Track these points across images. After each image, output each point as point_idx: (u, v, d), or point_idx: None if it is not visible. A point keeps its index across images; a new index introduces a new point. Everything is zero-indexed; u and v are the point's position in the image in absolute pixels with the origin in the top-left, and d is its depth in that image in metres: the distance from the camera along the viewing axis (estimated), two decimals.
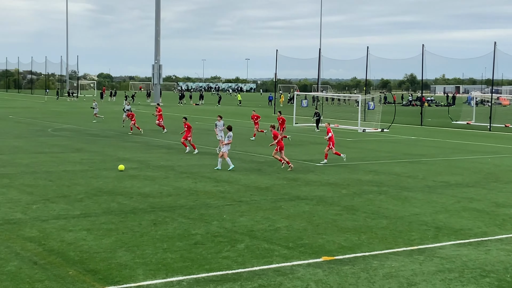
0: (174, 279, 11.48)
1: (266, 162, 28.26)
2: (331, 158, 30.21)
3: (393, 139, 43.32)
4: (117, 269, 11.99)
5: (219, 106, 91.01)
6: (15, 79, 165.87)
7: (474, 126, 57.89)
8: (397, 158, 31.44)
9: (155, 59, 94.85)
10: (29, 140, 36.53)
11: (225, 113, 70.98)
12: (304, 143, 38.67)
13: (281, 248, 13.81)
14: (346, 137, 43.53)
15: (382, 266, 12.58)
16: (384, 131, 49.76)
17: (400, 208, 18.55)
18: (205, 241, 14.27)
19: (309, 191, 21.19)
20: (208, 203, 18.71)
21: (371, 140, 41.83)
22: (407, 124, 58.06)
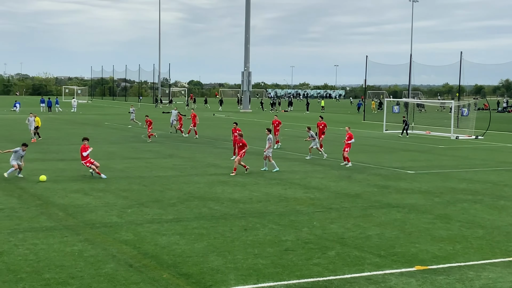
0: (265, 285, 11.51)
1: (356, 169, 27.98)
2: (421, 165, 29.69)
3: (488, 146, 41.99)
4: (209, 273, 12.14)
5: (308, 113, 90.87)
6: (109, 86, 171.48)
7: None
8: (493, 166, 30.45)
9: (244, 66, 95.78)
10: (123, 146, 37.62)
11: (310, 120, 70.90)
12: (395, 150, 38.06)
13: (373, 256, 13.61)
14: (438, 144, 42.54)
15: (478, 277, 12.19)
16: (478, 138, 48.32)
17: (497, 218, 17.94)
18: (296, 248, 14.25)
19: (401, 198, 20.82)
20: (298, 210, 18.69)
21: (465, 148, 40.69)
22: (503, 131, 56.17)
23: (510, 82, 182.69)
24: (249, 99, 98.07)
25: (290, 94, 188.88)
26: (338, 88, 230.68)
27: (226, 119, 59.58)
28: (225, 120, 60.26)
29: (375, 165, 29.55)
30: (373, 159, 32.43)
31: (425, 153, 36.66)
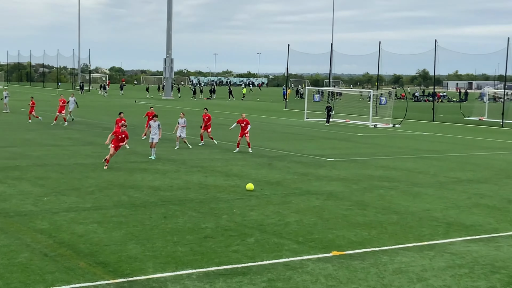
0: (183, 272, 11.50)
1: (277, 157, 28.25)
2: (340, 153, 30.31)
3: (405, 134, 43.18)
4: (127, 262, 12.03)
5: (230, 100, 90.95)
6: (27, 72, 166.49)
7: (487, 122, 57.57)
8: (409, 153, 31.33)
9: (166, 53, 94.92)
10: (41, 133, 36.69)
11: (236, 108, 71.07)
12: (315, 138, 38.61)
13: (291, 243, 13.81)
14: (357, 132, 43.43)
15: (392, 262, 12.55)
16: (395, 126, 49.60)
17: (411, 204, 18.50)
18: (215, 235, 14.29)
19: (320, 186, 21.16)
20: (218, 197, 18.73)
21: (383, 136, 41.71)
22: (419, 119, 57.84)
23: (427, 72, 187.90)
24: (171, 86, 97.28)
25: (213, 81, 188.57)
26: (261, 76, 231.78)
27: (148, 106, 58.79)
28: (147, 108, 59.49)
29: (296, 153, 29.91)
30: (294, 146, 32.82)
31: (345, 141, 37.38)
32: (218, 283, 10.97)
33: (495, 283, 11.40)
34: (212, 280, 11.14)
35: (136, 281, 11.00)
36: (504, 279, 11.63)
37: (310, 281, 11.22)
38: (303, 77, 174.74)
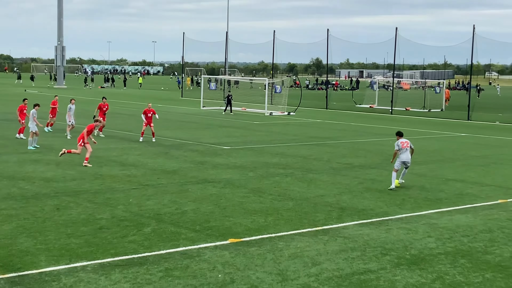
0: (78, 265, 11.25)
1: (173, 146, 28.09)
2: (237, 141, 30.53)
3: (300, 122, 43.97)
4: (18, 256, 11.64)
5: (125, 89, 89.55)
6: None
7: (377, 110, 59.54)
8: (303, 141, 31.94)
9: (58, 40, 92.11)
10: None
11: (130, 96, 70.04)
12: (212, 126, 38.65)
13: (188, 231, 13.79)
14: (253, 121, 43.83)
15: (287, 247, 12.79)
16: (290, 114, 50.42)
17: (306, 190, 18.88)
18: (111, 226, 14.07)
19: (217, 174, 21.23)
20: (114, 187, 18.42)
21: (278, 123, 42.30)
22: (313, 107, 59.02)
23: (320, 60, 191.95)
24: (63, 74, 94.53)
25: (107, 70, 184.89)
26: (156, 64, 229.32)
27: (40, 95, 57.14)
28: (39, 96, 57.58)
29: (193, 142, 29.85)
30: (191, 135, 32.74)
31: (241, 129, 37.64)
32: (114, 274, 10.81)
33: (385, 265, 11.85)
34: (108, 271, 10.97)
35: (28, 275, 10.67)
36: (394, 260, 12.10)
37: (207, 269, 11.26)
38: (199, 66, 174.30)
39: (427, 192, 19.08)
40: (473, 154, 28.35)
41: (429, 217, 15.81)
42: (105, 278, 10.65)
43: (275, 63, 69.60)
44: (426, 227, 14.76)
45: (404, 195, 18.47)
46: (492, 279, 11.23)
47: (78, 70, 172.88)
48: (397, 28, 54.70)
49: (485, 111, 57.14)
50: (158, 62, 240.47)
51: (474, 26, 48.51)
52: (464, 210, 16.83)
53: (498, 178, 21.72)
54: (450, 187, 20.00)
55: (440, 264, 11.97)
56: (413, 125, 43.32)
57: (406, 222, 15.27)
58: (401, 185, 19.79)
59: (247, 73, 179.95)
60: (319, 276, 11.10)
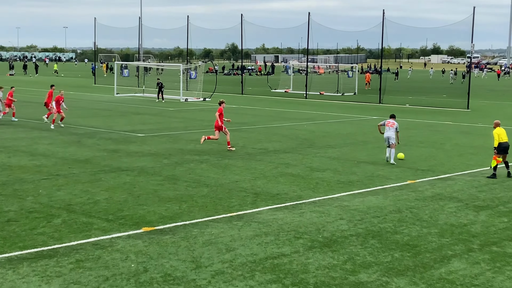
0: None
1: (86, 134, 27.50)
2: (151, 128, 30.25)
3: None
4: None
5: (37, 76, 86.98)
6: None
7: (292, 94, 60.16)
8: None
9: None
10: None
11: (42, 84, 68.09)
12: (126, 113, 38.06)
13: (101, 221, 13.55)
14: (168, 107, 43.45)
15: (202, 234, 12.76)
16: (206, 100, 50.25)
17: (221, 176, 18.88)
18: (19, 218, 13.65)
19: (131, 162, 20.93)
20: (22, 178, 17.87)
21: (193, 110, 42.10)
22: (229, 93, 59.06)
23: (236, 46, 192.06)
24: None
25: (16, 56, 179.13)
26: (68, 50, 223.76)
27: None
28: None
29: (106, 129, 29.32)
30: (104, 123, 32.15)
31: (156, 116, 37.25)
32: (22, 268, 10.50)
33: (298, 248, 12.00)
34: (15, 265, 10.64)
35: None
36: (307, 244, 12.28)
37: (120, 259, 11.09)
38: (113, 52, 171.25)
39: (340, 175, 19.45)
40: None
41: (341, 200, 16.13)
42: (13, 272, 10.33)
43: (191, 49, 69.18)
44: (339, 210, 15.05)
45: (318, 179, 18.75)
46: (401, 258, 11.57)
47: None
48: (310, 13, 55.30)
49: (396, 94, 58.69)
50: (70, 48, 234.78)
51: (383, 11, 49.60)
52: (375, 191, 17.25)
53: (408, 160, 22.36)
54: (362, 169, 20.45)
55: (351, 245, 12.23)
56: (327, 109, 44.03)
57: (319, 205, 15.52)
58: (314, 169, 20.11)
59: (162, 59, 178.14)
60: (233, 262, 11.13)
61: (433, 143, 23.49)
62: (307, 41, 56.36)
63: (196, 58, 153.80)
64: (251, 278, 10.39)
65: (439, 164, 21.76)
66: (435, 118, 38.13)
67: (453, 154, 24.04)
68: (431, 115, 40.47)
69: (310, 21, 55.19)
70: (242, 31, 58.67)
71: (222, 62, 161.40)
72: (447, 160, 22.58)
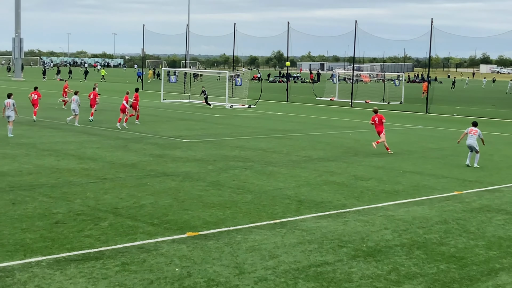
0: (32, 260, 11.10)
1: (132, 139, 27.87)
2: (196, 134, 30.47)
3: (260, 115, 44.01)
4: None
5: (86, 81, 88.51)
6: None
7: (337, 102, 59.94)
8: (263, 133, 31.99)
9: (15, 32, 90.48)
10: None
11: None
12: (172, 119, 38.45)
13: (146, 225, 13.71)
14: (213, 113, 43.72)
15: (245, 240, 12.80)
16: (251, 107, 50.42)
17: (265, 183, 18.91)
18: (67, 220, 13.90)
19: (176, 167, 21.13)
20: (71, 181, 18.20)
21: (238, 116, 42.28)
22: (274, 100, 59.14)
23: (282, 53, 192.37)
24: (21, 67, 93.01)
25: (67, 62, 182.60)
26: (117, 57, 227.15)
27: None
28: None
29: (152, 135, 29.66)
30: (151, 128, 32.52)
31: (201, 122, 37.53)
32: (70, 269, 10.69)
33: (342, 257, 11.95)
34: (63, 266, 10.84)
35: None
36: (351, 253, 12.21)
37: (164, 263, 11.21)
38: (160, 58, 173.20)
39: (385, 184, 19.29)
40: (430, 146, 28.74)
41: (386, 209, 15.99)
42: (60, 273, 10.52)
43: (237, 56, 69.53)
44: (383, 219, 14.93)
45: (362, 188, 18.64)
46: (446, 270, 11.41)
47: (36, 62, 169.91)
48: (357, 21, 55.09)
49: (443, 104, 57.97)
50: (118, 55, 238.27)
51: (432, 19, 49.11)
52: (421, 202, 17.06)
53: (454, 170, 22.07)
54: (407, 179, 20.25)
55: (395, 255, 12.12)
56: None
57: (363, 214, 15.42)
58: (359, 178, 20.02)
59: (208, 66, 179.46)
60: (276, 268, 11.14)
61: (481, 154, 23.13)
62: (354, 50, 56.21)
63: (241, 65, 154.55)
64: (294, 285, 10.38)
65: (487, 175, 21.42)
66: (483, 129, 37.36)
67: (501, 166, 23.63)
68: (479, 125, 39.80)
69: (356, 29, 54.96)
70: (288, 38, 58.78)
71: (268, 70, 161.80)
72: (495, 172, 22.21)
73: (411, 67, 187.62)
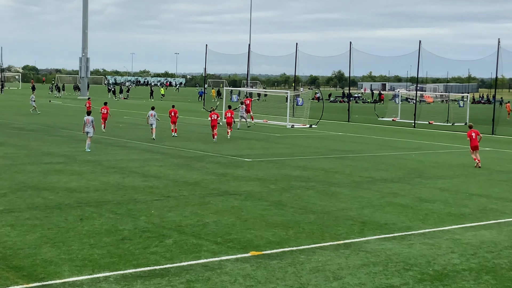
0: (100, 275, 11.31)
1: (195, 157, 28.17)
2: (258, 153, 30.53)
3: (321, 135, 43.89)
4: (42, 266, 11.73)
5: (152, 100, 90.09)
6: None
7: (399, 123, 59.27)
8: (325, 153, 31.88)
9: (82, 51, 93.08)
10: None
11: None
12: (233, 138, 38.70)
13: (209, 243, 13.80)
14: (275, 133, 43.84)
15: (309, 261, 12.74)
16: (312, 127, 50.34)
17: (327, 203, 18.82)
18: (133, 237, 14.13)
19: (238, 186, 21.24)
20: (136, 198, 18.51)
21: (300, 136, 42.26)
22: (335, 120, 58.92)
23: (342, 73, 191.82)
24: (87, 85, 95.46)
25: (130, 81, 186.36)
26: (179, 76, 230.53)
27: (63, 106, 57.72)
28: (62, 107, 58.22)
29: (214, 153, 29.92)
30: (212, 147, 32.81)
31: (262, 141, 37.67)
32: (136, 285, 10.85)
33: (408, 280, 11.76)
34: (130, 282, 11.01)
35: (51, 285, 10.74)
36: (417, 276, 12.01)
37: (228, 282, 11.25)
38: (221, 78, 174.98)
39: (451, 207, 18.93)
40: (497, 169, 28.07)
41: (452, 233, 15.68)
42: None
43: (297, 76, 69.62)
44: (450, 243, 14.64)
45: (427, 210, 18.34)
46: None
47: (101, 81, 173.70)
48: (421, 41, 54.54)
49: (510, 125, 56.60)
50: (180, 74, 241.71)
51: (499, 39, 48.27)
52: (488, 225, 16.66)
53: None
54: (474, 202, 19.83)
55: (463, 280, 11.86)
56: (437, 139, 43.05)
57: (429, 237, 15.15)
58: (423, 200, 19.72)
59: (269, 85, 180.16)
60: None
61: None
62: (417, 69, 55.58)
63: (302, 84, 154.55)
64: None
65: None
66: None
67: None
68: None
69: (420, 49, 54.38)
70: (350, 58, 58.58)
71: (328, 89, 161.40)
72: None
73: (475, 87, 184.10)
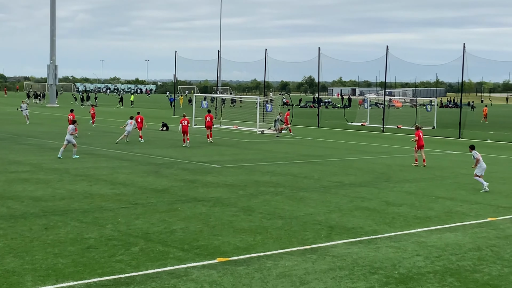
0: (64, 285, 11.19)
1: (164, 164, 28.04)
2: (227, 159, 30.49)
3: (291, 140, 43.99)
4: (3, 276, 11.56)
5: (122, 107, 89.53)
6: None
7: (369, 128, 59.69)
8: (294, 159, 31.95)
9: (50, 59, 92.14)
10: None
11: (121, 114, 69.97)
12: (203, 144, 38.62)
13: (176, 250, 13.74)
14: (244, 139, 43.83)
15: (276, 266, 12.74)
16: (282, 132, 50.39)
17: (296, 208, 18.85)
18: (99, 245, 14.00)
19: (207, 192, 21.18)
20: (103, 206, 18.36)
21: (269, 142, 42.32)
22: (305, 125, 59.11)
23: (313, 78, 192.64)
24: (55, 93, 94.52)
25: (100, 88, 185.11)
26: (149, 83, 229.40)
27: (31, 114, 56.98)
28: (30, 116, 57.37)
29: (183, 160, 29.81)
30: (182, 154, 32.70)
31: (232, 147, 37.63)
32: None
33: (373, 284, 11.81)
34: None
35: None
36: (382, 279, 12.07)
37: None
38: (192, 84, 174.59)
39: (417, 210, 19.09)
40: (463, 172, 28.37)
41: (418, 236, 15.81)
42: None
43: (268, 81, 69.74)
44: (415, 246, 14.75)
45: (394, 214, 18.47)
46: None
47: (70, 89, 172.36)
48: (388, 47, 54.98)
49: (477, 129, 57.35)
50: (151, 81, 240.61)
51: (464, 44, 48.85)
52: (454, 228, 16.84)
53: (488, 196, 21.76)
54: (439, 205, 20.02)
55: (428, 283, 11.95)
56: (405, 143, 43.39)
57: (395, 240, 15.26)
58: (390, 204, 19.83)
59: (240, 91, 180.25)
60: None
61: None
62: (385, 75, 55.96)
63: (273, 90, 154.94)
64: None
65: None
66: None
67: None
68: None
69: (388, 55, 54.84)
70: (320, 64, 58.87)
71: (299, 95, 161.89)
72: None
73: (443, 92, 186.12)
